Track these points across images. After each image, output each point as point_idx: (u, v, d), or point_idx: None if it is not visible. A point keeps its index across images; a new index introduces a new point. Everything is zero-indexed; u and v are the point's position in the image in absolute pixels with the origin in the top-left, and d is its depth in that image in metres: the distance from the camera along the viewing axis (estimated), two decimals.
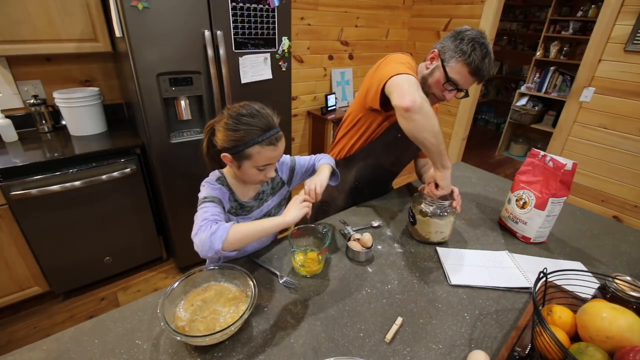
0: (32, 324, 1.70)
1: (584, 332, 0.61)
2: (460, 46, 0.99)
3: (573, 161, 0.96)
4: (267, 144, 0.82)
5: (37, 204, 1.52)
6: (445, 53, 1.03)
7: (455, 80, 1.03)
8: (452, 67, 1.02)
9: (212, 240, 0.74)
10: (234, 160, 0.84)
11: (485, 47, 0.98)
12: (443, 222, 1.00)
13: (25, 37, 1.52)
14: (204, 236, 0.75)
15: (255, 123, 0.80)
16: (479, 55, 0.98)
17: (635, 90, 2.12)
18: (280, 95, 1.97)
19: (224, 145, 0.83)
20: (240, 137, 0.80)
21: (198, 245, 0.76)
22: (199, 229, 0.77)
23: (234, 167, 0.88)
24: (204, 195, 0.86)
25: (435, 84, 1.08)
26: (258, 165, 0.84)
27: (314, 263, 0.88)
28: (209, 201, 0.85)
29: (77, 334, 0.71)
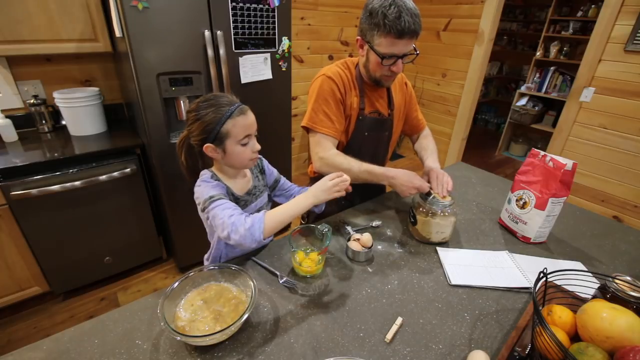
0: (32, 324, 1.70)
1: (584, 332, 0.61)
2: (372, 21, 0.98)
3: (573, 161, 0.96)
4: (237, 115, 0.83)
5: (37, 204, 1.52)
6: (365, 35, 1.03)
7: (389, 53, 1.00)
8: (378, 43, 1.00)
9: (252, 233, 0.77)
10: (217, 146, 0.85)
11: (394, 5, 0.93)
12: (444, 222, 1.00)
13: (25, 37, 1.52)
14: (242, 231, 0.77)
15: (217, 102, 0.83)
16: (392, 17, 0.93)
17: (635, 90, 2.12)
18: (280, 95, 1.97)
19: (201, 136, 0.84)
20: (211, 119, 0.82)
21: (238, 240, 0.77)
22: (233, 226, 0.77)
23: (219, 155, 0.87)
24: (210, 195, 0.84)
25: (376, 66, 1.07)
26: (239, 139, 0.85)
27: (314, 263, 0.88)
28: (218, 198, 0.84)
29: (77, 334, 0.71)
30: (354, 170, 1.07)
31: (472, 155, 4.14)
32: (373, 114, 1.20)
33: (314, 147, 1.14)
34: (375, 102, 1.20)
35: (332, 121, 1.12)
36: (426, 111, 3.46)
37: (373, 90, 1.19)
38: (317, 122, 1.12)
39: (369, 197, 1.32)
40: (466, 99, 3.09)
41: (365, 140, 1.21)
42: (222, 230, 0.79)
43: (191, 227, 1.89)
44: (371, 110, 1.20)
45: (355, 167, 1.08)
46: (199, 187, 0.89)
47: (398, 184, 1.07)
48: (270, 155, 1.15)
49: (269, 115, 1.95)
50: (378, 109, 1.21)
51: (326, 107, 1.11)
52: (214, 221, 0.81)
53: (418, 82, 3.47)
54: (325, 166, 1.11)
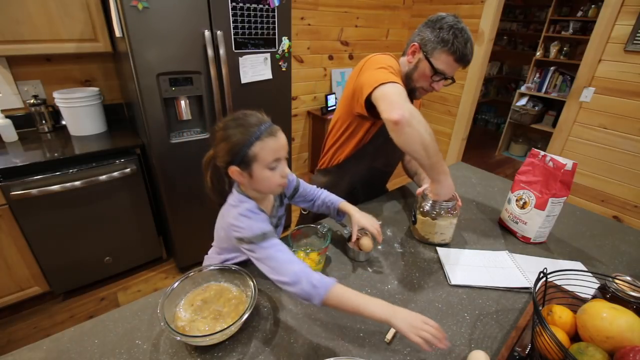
0: (32, 324, 1.70)
1: (584, 332, 0.62)
2: (440, 35, 0.98)
3: (573, 161, 0.96)
4: (266, 137, 0.75)
5: (37, 204, 1.52)
6: (426, 45, 1.03)
7: (441, 70, 1.02)
8: (437, 57, 1.01)
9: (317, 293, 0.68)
10: (243, 170, 0.76)
11: (465, 31, 0.98)
12: (444, 223, 1.00)
13: (25, 37, 1.52)
14: (306, 286, 0.68)
15: (245, 122, 0.76)
16: (461, 42, 0.97)
17: (635, 90, 2.12)
18: (280, 95, 1.97)
19: (227, 159, 0.76)
20: (238, 140, 0.74)
21: (297, 292, 0.69)
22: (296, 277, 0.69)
23: (246, 179, 0.79)
24: (263, 232, 0.75)
25: (421, 77, 1.07)
26: (268, 163, 0.76)
27: (314, 263, 0.88)
28: (271, 237, 0.75)
29: (77, 334, 0.71)
30: (436, 145, 0.93)
31: (472, 155, 4.14)
32: None
33: (400, 94, 0.93)
34: None
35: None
36: (426, 111, 3.46)
37: None
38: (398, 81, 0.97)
39: (371, 197, 1.33)
40: (466, 99, 3.09)
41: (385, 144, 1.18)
42: (277, 274, 0.71)
43: (191, 227, 1.89)
44: None
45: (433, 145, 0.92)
46: (245, 219, 0.76)
47: (446, 184, 0.98)
48: None
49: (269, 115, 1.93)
50: None
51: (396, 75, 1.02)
52: (267, 262, 0.73)
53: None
54: (416, 119, 0.89)
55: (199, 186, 0.94)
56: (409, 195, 1.36)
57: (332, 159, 1.28)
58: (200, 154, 0.95)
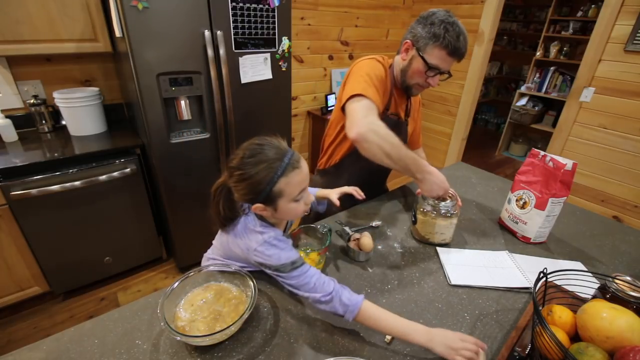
0: (32, 324, 1.70)
1: (584, 332, 0.61)
2: (432, 30, 0.99)
3: (573, 161, 0.96)
4: (290, 171, 0.70)
5: (37, 204, 1.52)
6: (418, 41, 1.03)
7: (435, 66, 1.03)
8: (430, 53, 1.02)
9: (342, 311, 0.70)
10: (267, 205, 0.73)
11: (457, 25, 0.98)
12: (445, 223, 1.00)
13: (26, 37, 1.52)
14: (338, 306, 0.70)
15: (266, 157, 0.70)
16: (453, 35, 0.98)
17: (635, 90, 2.12)
18: (280, 95, 1.97)
19: (249, 197, 0.72)
20: (261, 179, 0.69)
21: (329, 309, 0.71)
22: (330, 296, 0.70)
23: (270, 213, 0.76)
24: (292, 260, 0.73)
25: (416, 73, 1.07)
26: (294, 197, 0.73)
27: (314, 263, 0.88)
28: (302, 264, 0.73)
29: (77, 334, 0.71)
30: (402, 149, 0.96)
31: (472, 155, 4.14)
32: (394, 115, 1.20)
33: (361, 110, 0.98)
34: (398, 106, 1.21)
35: (379, 97, 1.05)
36: (426, 111, 3.46)
37: (398, 94, 1.20)
38: (369, 92, 1.01)
39: (370, 197, 1.33)
40: (466, 99, 3.09)
41: None
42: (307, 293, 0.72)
43: (191, 227, 1.89)
44: (393, 112, 1.20)
45: (402, 147, 0.97)
46: (273, 248, 0.73)
47: (432, 181, 0.99)
48: None
49: (269, 115, 1.95)
50: (399, 112, 1.22)
51: (377, 82, 1.05)
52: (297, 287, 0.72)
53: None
54: (373, 133, 0.94)
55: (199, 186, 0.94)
56: (409, 195, 1.36)
57: (329, 159, 1.29)
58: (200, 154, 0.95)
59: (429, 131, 3.48)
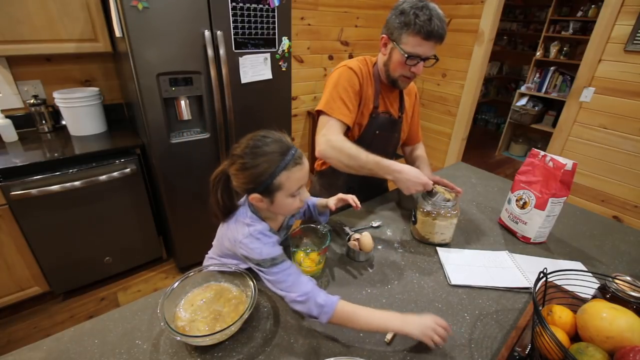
0: (32, 324, 1.70)
1: (584, 332, 0.61)
2: (402, 19, 0.99)
3: (573, 161, 0.96)
4: (292, 166, 0.72)
5: (37, 204, 1.52)
6: (392, 33, 1.03)
7: (413, 53, 1.02)
8: (405, 42, 1.01)
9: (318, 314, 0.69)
10: (265, 197, 0.74)
11: (426, 8, 0.97)
12: (445, 223, 1.00)
13: (26, 37, 1.52)
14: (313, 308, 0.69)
15: (272, 150, 0.72)
16: (423, 19, 0.96)
17: (635, 90, 2.12)
18: (280, 95, 1.97)
19: (248, 186, 0.74)
20: (263, 170, 0.71)
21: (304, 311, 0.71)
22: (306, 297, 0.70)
23: (265, 205, 0.77)
24: (272, 257, 0.73)
25: (397, 65, 1.07)
26: (292, 192, 0.75)
27: (314, 263, 0.88)
28: (282, 261, 0.74)
29: (77, 334, 0.71)
30: (361, 158, 1.03)
31: (472, 155, 4.14)
32: (385, 114, 1.20)
33: (322, 128, 1.09)
34: (388, 104, 1.21)
35: (348, 109, 1.10)
36: (426, 111, 3.46)
37: (388, 91, 1.20)
38: (333, 108, 1.09)
39: (369, 196, 1.33)
40: (466, 99, 3.09)
41: (376, 139, 1.21)
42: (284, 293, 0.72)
43: (191, 227, 1.89)
44: (384, 110, 1.20)
45: (362, 155, 1.03)
46: (257, 241, 0.74)
47: (404, 178, 1.02)
48: None
49: (269, 115, 1.95)
50: (390, 110, 1.22)
51: (344, 95, 1.09)
52: (275, 284, 0.73)
53: (418, 82, 3.46)
54: (331, 149, 1.05)
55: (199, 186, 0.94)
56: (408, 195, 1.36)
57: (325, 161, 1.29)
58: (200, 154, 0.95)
59: (429, 131, 3.48)
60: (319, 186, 1.33)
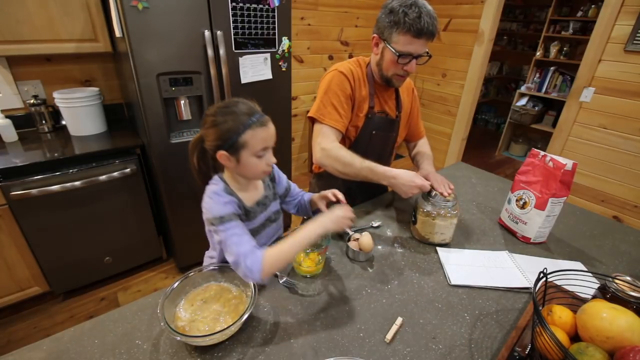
0: (32, 324, 1.70)
1: (584, 332, 0.61)
2: (392, 18, 0.99)
3: (573, 161, 0.96)
4: (257, 126, 0.79)
5: (37, 204, 1.52)
6: (383, 32, 1.03)
7: (405, 52, 1.01)
8: (396, 41, 1.01)
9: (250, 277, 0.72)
10: (231, 155, 0.80)
11: (416, 5, 0.96)
12: (445, 223, 1.00)
13: (26, 37, 1.52)
14: (243, 267, 0.72)
15: (239, 110, 0.79)
16: (412, 17, 0.96)
17: (635, 90, 2.12)
18: (280, 95, 1.97)
19: (217, 143, 0.79)
20: (230, 127, 0.77)
21: (240, 274, 0.74)
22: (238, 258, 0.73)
23: (232, 164, 0.82)
24: (220, 215, 0.78)
25: (390, 64, 1.07)
26: (256, 151, 0.80)
27: (314, 263, 0.88)
28: (228, 220, 0.78)
29: (77, 334, 0.71)
30: (355, 165, 1.05)
31: (472, 155, 4.14)
32: (381, 113, 1.20)
33: (316, 137, 1.11)
34: (384, 103, 1.21)
35: (339, 115, 1.11)
36: (426, 111, 3.46)
37: (383, 91, 1.20)
38: (324, 114, 1.10)
39: (369, 197, 1.33)
40: (466, 99, 3.09)
41: (373, 139, 1.21)
42: (229, 256, 0.75)
43: (191, 227, 1.89)
44: (380, 110, 1.20)
45: (357, 162, 1.05)
46: (209, 200, 0.81)
47: (399, 183, 1.03)
48: None
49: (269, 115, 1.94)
50: (386, 109, 1.22)
51: (335, 101, 1.10)
52: (224, 246, 0.77)
53: (418, 82, 3.47)
54: (326, 157, 1.08)
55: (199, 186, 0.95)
56: None
57: None
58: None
59: (429, 131, 3.48)
60: (318, 188, 1.33)
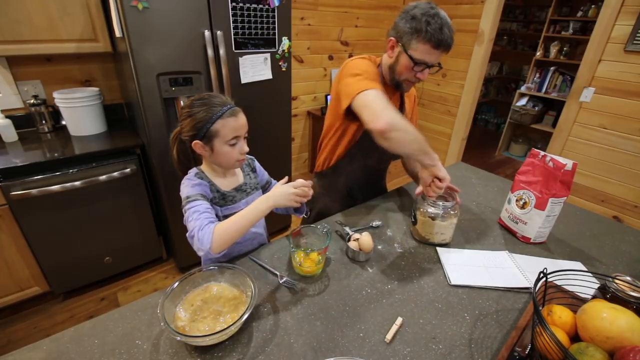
0: (32, 324, 1.70)
1: (584, 332, 0.61)
2: (414, 25, 0.98)
3: (573, 161, 0.96)
4: (228, 116, 0.86)
5: (37, 204, 1.52)
6: (402, 37, 1.03)
7: (421, 60, 1.02)
8: (414, 48, 1.01)
9: (201, 248, 0.78)
10: (205, 144, 0.87)
11: (438, 16, 0.97)
12: (445, 223, 1.00)
13: (25, 37, 1.52)
14: (195, 245, 0.79)
15: (210, 102, 0.86)
16: (435, 28, 0.96)
17: (635, 90, 2.12)
18: (280, 95, 1.97)
19: (191, 133, 0.86)
20: (202, 117, 0.84)
21: (194, 245, 0.80)
22: (192, 235, 0.80)
23: (207, 153, 0.89)
24: (187, 195, 0.86)
25: (404, 69, 1.07)
26: (227, 140, 0.86)
27: (314, 263, 0.88)
28: (193, 200, 0.85)
29: (77, 334, 0.71)
30: (419, 138, 0.95)
31: (472, 155, 4.14)
32: None
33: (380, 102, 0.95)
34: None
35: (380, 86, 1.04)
36: (426, 111, 3.46)
37: (389, 93, 1.19)
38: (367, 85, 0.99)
39: (369, 197, 1.33)
40: (466, 99, 3.09)
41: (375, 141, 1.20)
42: (188, 230, 0.81)
43: None
44: None
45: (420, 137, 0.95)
46: (182, 185, 0.91)
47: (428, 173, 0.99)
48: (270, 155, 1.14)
49: (269, 115, 1.95)
50: None
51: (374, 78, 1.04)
52: (186, 223, 0.83)
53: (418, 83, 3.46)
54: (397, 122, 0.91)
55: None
56: (408, 195, 1.36)
57: (325, 161, 1.29)
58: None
59: (429, 131, 3.48)
60: (320, 187, 1.33)
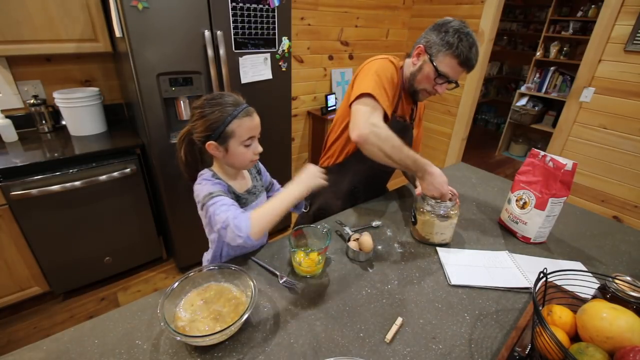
0: (32, 324, 1.70)
1: (584, 332, 0.61)
2: (446, 39, 1.00)
3: (573, 161, 0.96)
4: (243, 116, 0.84)
5: (37, 204, 1.52)
6: (431, 47, 1.04)
7: (445, 74, 1.03)
8: (441, 60, 1.02)
9: (239, 235, 0.77)
10: (220, 144, 0.85)
11: (470, 36, 0.99)
12: (444, 223, 1.00)
13: (26, 37, 1.52)
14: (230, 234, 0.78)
15: (225, 102, 0.84)
16: (466, 46, 0.98)
17: (635, 90, 2.12)
18: (280, 95, 1.97)
19: (205, 133, 0.84)
20: (217, 117, 0.83)
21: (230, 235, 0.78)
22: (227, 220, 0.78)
23: (221, 154, 0.87)
24: (210, 192, 0.84)
25: (425, 79, 1.08)
26: (243, 140, 0.85)
27: (314, 263, 0.88)
28: (217, 195, 0.84)
29: (77, 334, 0.71)
30: (403, 151, 0.98)
31: (472, 155, 4.14)
32: (400, 118, 1.20)
33: (365, 111, 0.99)
34: (404, 110, 1.22)
35: (389, 101, 1.06)
36: (426, 111, 3.46)
37: (405, 98, 1.21)
38: (380, 95, 1.02)
39: (371, 197, 1.33)
40: (466, 99, 3.09)
41: None
42: (217, 224, 0.80)
43: (191, 227, 1.89)
44: (400, 115, 1.20)
45: (404, 149, 0.98)
46: (199, 185, 0.88)
47: (429, 181, 1.00)
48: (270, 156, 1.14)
49: (269, 115, 1.95)
50: (404, 116, 1.22)
51: (388, 86, 1.06)
52: (213, 217, 0.81)
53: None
54: (375, 135, 0.96)
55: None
56: (408, 195, 1.36)
57: (333, 157, 1.28)
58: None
59: (429, 131, 3.48)
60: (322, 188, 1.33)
